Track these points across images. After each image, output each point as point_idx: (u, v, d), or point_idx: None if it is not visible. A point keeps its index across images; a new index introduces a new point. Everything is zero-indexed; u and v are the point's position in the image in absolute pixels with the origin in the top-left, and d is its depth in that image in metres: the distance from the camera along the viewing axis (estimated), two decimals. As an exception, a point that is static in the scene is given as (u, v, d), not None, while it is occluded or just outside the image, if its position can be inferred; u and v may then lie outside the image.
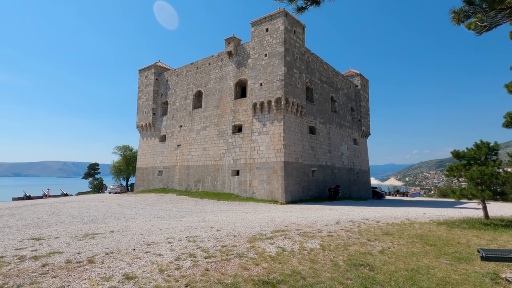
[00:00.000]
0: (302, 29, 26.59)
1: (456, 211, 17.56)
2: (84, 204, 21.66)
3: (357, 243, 7.61)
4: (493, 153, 10.86)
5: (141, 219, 13.21)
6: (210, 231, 9.30)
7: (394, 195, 47.23)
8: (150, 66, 36.67)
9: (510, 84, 8.21)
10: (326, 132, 30.13)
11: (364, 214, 14.82)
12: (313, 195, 26.16)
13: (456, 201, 12.76)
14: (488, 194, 9.86)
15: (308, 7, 4.50)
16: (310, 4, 4.44)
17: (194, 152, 30.34)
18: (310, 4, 4.45)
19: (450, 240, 8.10)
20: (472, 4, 4.47)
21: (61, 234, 8.96)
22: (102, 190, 50.59)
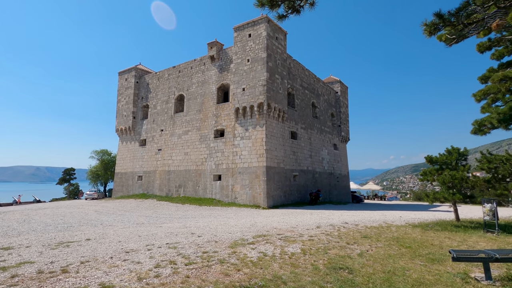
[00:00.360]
0: (284, 35, 27.03)
1: (430, 214, 18.28)
2: (59, 211, 20.76)
3: (337, 246, 7.76)
4: (463, 158, 11.46)
5: (120, 226, 12.83)
6: (191, 237, 9.18)
7: (372, 199, 48.51)
8: (131, 69, 35.94)
9: (478, 93, 8.72)
10: (307, 137, 30.60)
11: (344, 218, 15.13)
12: (294, 200, 26.41)
13: (430, 204, 13.31)
14: (458, 198, 10.38)
15: (288, 15, 4.64)
16: (290, 12, 4.57)
17: (176, 156, 29.89)
18: (291, 13, 4.59)
19: (424, 242, 8.43)
20: (442, 17, 4.77)
21: (32, 243, 8.55)
22: (78, 196, 48.65)
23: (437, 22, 4.77)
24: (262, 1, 4.33)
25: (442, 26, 4.83)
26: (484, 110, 11.01)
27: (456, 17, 4.63)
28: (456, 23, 4.67)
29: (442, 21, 4.71)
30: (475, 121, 9.69)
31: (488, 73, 11.16)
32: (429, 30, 4.86)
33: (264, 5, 4.43)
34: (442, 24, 4.77)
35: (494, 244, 8.50)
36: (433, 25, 4.83)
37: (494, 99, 10.71)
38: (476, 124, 9.62)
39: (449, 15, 4.74)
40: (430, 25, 4.86)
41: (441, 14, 4.73)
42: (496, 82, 9.97)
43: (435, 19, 4.79)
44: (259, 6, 4.43)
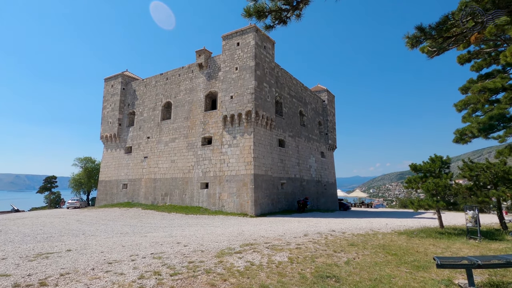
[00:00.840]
0: (272, 44, 27.38)
1: (415, 221, 18.60)
2: (38, 220, 19.97)
3: (324, 254, 7.75)
4: (446, 166, 11.78)
5: (103, 236, 12.43)
6: (176, 247, 8.98)
7: (359, 206, 49.02)
8: (117, 75, 35.46)
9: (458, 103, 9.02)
10: (295, 145, 30.80)
11: (331, 225, 15.18)
12: (282, 208, 26.36)
13: (415, 211, 13.55)
14: (442, 205, 10.61)
15: (275, 25, 4.71)
16: (278, 23, 4.65)
17: (162, 164, 29.44)
18: (278, 23, 4.66)
19: (409, 249, 8.53)
20: (423, 31, 4.96)
21: (9, 255, 8.15)
22: (59, 205, 47.02)
23: (419, 35, 4.96)
24: (250, 12, 4.38)
25: (424, 39, 5.02)
26: (465, 119, 11.42)
27: (436, 30, 4.83)
28: (437, 36, 4.87)
29: (423, 34, 4.90)
30: (456, 130, 10.02)
31: (468, 84, 11.62)
32: (411, 43, 5.04)
33: (251, 16, 4.48)
34: (423, 37, 4.96)
35: (476, 250, 8.69)
36: (415, 38, 5.02)
37: (474, 109, 11.14)
38: (457, 133, 9.95)
39: (430, 29, 4.94)
40: (412, 38, 5.04)
41: (422, 28, 4.92)
42: (475, 93, 10.39)
43: (416, 32, 4.98)
44: (247, 16, 4.49)
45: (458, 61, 11.25)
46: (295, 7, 4.31)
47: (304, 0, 4.16)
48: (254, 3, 4.28)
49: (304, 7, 4.31)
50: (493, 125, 10.14)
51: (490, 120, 10.11)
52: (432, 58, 5.61)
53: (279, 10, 4.41)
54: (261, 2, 4.32)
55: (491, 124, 10.06)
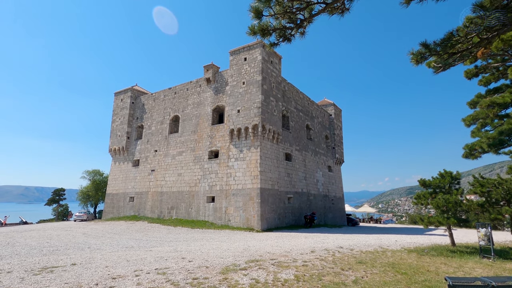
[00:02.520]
0: (278, 59, 27.75)
1: (425, 238, 18.06)
2: (45, 233, 20.06)
3: (331, 273, 7.55)
4: (456, 182, 11.51)
5: (108, 250, 12.39)
6: (181, 262, 8.87)
7: (368, 222, 47.98)
8: (127, 90, 36.24)
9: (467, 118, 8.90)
10: (301, 159, 30.64)
11: (338, 242, 14.85)
12: (289, 223, 25.98)
13: (425, 228, 13.20)
14: (453, 222, 10.31)
15: (280, 43, 4.81)
16: (282, 40, 4.74)
17: (169, 177, 29.53)
18: (282, 41, 4.76)
19: (420, 268, 8.26)
20: (427, 47, 4.99)
21: (14, 268, 8.17)
22: (67, 217, 47.26)
23: (423, 52, 4.98)
24: (254, 30, 4.48)
25: (428, 55, 5.04)
26: (474, 134, 11.23)
27: (441, 46, 4.85)
28: (442, 52, 4.89)
29: (428, 50, 4.93)
30: (466, 146, 9.84)
31: (476, 99, 11.50)
32: (416, 59, 5.07)
33: (256, 34, 4.58)
34: (428, 54, 4.98)
35: (490, 270, 8.36)
36: (420, 54, 5.05)
37: (483, 124, 10.97)
38: (467, 148, 9.77)
39: (434, 45, 4.97)
40: (417, 54, 5.07)
41: (427, 44, 4.95)
42: (484, 108, 10.25)
43: (421, 49, 5.01)
44: (252, 34, 4.59)
45: (466, 76, 11.18)
46: (299, 25, 4.40)
47: (308, 18, 4.25)
48: (259, 21, 4.38)
49: (308, 25, 4.40)
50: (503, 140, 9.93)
51: (500, 135, 9.93)
52: (437, 74, 5.60)
53: (283, 28, 4.50)
54: (265, 21, 4.43)
55: (501, 139, 9.86)
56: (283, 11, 4.18)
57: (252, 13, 4.25)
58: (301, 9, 4.19)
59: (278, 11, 4.25)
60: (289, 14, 4.20)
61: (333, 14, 4.15)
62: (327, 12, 4.19)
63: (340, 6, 4.09)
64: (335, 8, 4.11)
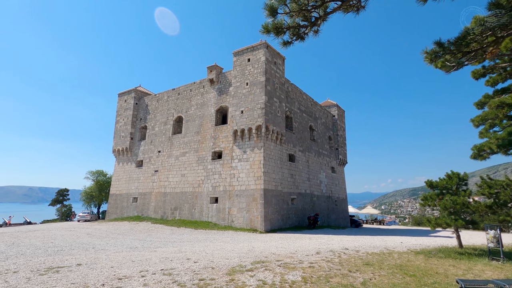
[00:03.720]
0: (282, 60, 27.70)
1: (431, 240, 17.90)
2: (50, 233, 20.11)
3: (338, 274, 7.47)
4: (463, 183, 11.39)
5: (112, 250, 12.38)
6: (186, 263, 8.83)
7: (371, 223, 47.73)
8: (131, 91, 36.35)
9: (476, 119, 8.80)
10: (305, 160, 30.54)
11: (343, 243, 14.75)
12: (292, 224, 25.87)
13: (432, 229, 13.07)
14: (461, 223, 10.19)
15: (293, 41, 4.75)
16: (295, 39, 4.68)
17: (172, 178, 29.54)
18: (296, 39, 4.70)
19: (428, 270, 8.15)
20: (442, 46, 4.92)
21: (20, 268, 8.16)
22: (70, 218, 47.42)
23: (438, 50, 4.91)
24: (268, 28, 4.42)
25: (442, 54, 4.98)
26: (482, 135, 11.10)
27: (455, 45, 4.78)
28: (456, 51, 4.82)
29: (442, 49, 4.86)
30: (474, 146, 9.73)
31: (484, 99, 11.39)
32: (430, 58, 4.99)
33: (269, 32, 4.52)
34: (442, 52, 4.91)
35: (501, 273, 8.23)
36: (434, 53, 4.98)
37: (492, 125, 10.84)
38: (475, 149, 9.65)
39: (448, 44, 4.90)
40: (431, 53, 5.00)
41: (441, 43, 4.88)
42: (493, 108, 10.14)
43: (435, 47, 4.94)
44: (265, 33, 4.52)
45: (473, 76, 11.08)
46: (313, 23, 4.33)
47: (322, 16, 4.19)
48: (273, 19, 4.32)
49: (322, 23, 4.34)
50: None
51: (509, 135, 9.80)
52: (449, 73, 5.53)
53: (297, 27, 4.43)
54: (280, 19, 4.37)
55: (511, 140, 9.73)
56: (299, 8, 4.11)
57: (266, 11, 4.19)
58: (316, 7, 4.14)
59: (293, 9, 4.18)
60: (304, 12, 4.13)
61: (348, 12, 4.09)
62: (342, 10, 4.13)
63: (356, 4, 4.03)
64: (350, 6, 4.04)
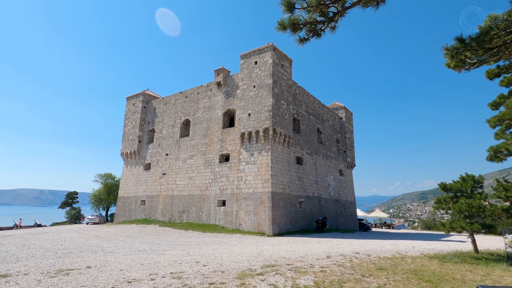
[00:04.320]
0: (289, 63, 27.63)
1: (443, 244, 17.49)
2: (59, 235, 20.27)
3: (351, 279, 7.29)
4: (479, 185, 11.08)
5: (121, 253, 12.37)
6: (196, 266, 8.74)
7: (380, 227, 47.05)
8: (139, 94, 36.68)
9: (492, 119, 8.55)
10: (313, 163, 30.29)
11: (353, 247, 14.50)
12: (300, 227, 25.62)
13: (446, 234, 12.75)
14: (477, 227, 9.90)
15: (310, 38, 4.65)
16: (312, 35, 4.58)
17: (180, 181, 29.59)
18: (312, 36, 4.59)
19: (444, 275, 7.90)
20: (463, 42, 4.76)
21: (31, 270, 8.18)
22: (80, 220, 47.88)
23: (458, 46, 4.75)
24: (284, 25, 4.33)
25: (463, 51, 4.81)
26: (498, 136, 10.80)
27: (477, 41, 4.62)
28: (477, 47, 4.66)
29: (463, 45, 4.70)
30: (490, 148, 9.44)
31: (498, 100, 11.09)
32: (451, 54, 4.83)
33: (285, 29, 4.43)
34: (463, 49, 4.75)
35: (520, 279, 7.93)
36: (455, 49, 4.81)
37: (508, 125, 10.54)
38: (491, 151, 9.37)
39: (470, 40, 4.73)
40: (452, 49, 4.84)
41: (462, 39, 4.72)
42: (510, 108, 9.85)
43: (456, 44, 4.78)
44: (281, 29, 4.44)
45: (487, 76, 10.82)
46: (331, 19, 4.23)
47: (341, 12, 4.09)
48: (290, 15, 4.23)
49: (340, 19, 4.23)
50: (530, 142, 9.50)
51: (526, 137, 9.52)
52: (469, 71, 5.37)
53: (314, 22, 4.33)
54: (297, 15, 4.27)
55: (528, 141, 9.44)
56: (317, 3, 4.01)
57: (283, 6, 4.10)
58: (334, 1, 4.03)
59: (310, 3, 4.08)
60: (321, 6, 4.03)
61: (368, 6, 3.98)
62: (361, 4, 4.03)
63: (376, -4, 3.92)
64: (369, 0, 3.94)
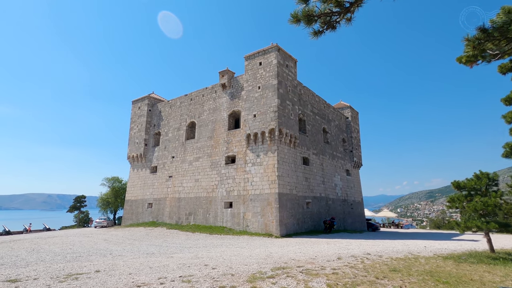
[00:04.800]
0: (294, 63, 27.46)
1: (456, 244, 17.12)
2: (68, 239, 20.36)
3: (365, 281, 7.09)
4: (494, 183, 10.78)
5: (129, 256, 12.32)
6: (205, 269, 8.62)
7: (388, 227, 46.47)
8: (144, 98, 36.83)
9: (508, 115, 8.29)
10: (319, 163, 30.04)
11: (363, 248, 14.25)
12: (308, 228, 25.38)
13: (460, 233, 12.44)
14: (493, 226, 9.61)
15: (324, 31, 4.50)
16: (326, 28, 4.43)
17: (186, 183, 29.57)
18: (327, 28, 4.44)
19: (461, 276, 7.66)
20: (486, 32, 4.57)
21: (40, 275, 8.15)
22: (88, 224, 48.22)
23: (481, 37, 4.56)
24: (298, 17, 4.19)
25: (485, 41, 4.61)
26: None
27: (500, 31, 4.42)
28: (500, 37, 4.46)
29: (486, 35, 4.50)
30: (506, 144, 9.16)
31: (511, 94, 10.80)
32: (472, 45, 4.63)
33: (299, 21, 4.28)
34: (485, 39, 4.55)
35: (540, 279, 7.65)
36: (477, 39, 4.62)
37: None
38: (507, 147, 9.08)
39: (492, 30, 4.53)
40: (473, 40, 4.65)
41: (485, 29, 4.52)
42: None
43: (479, 34, 4.58)
44: (294, 22, 4.29)
45: (500, 71, 10.53)
46: (347, 10, 4.08)
47: (358, 1, 3.93)
48: (305, 6, 4.09)
49: (357, 10, 4.07)
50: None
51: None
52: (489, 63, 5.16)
53: (329, 14, 4.18)
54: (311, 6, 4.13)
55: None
56: None
57: None
58: None
59: None
60: (338, -4, 3.90)
61: (386, -5, 3.81)
62: (379, -7, 3.88)
63: (395, -15, 3.75)
64: (388, -11, 3.78)
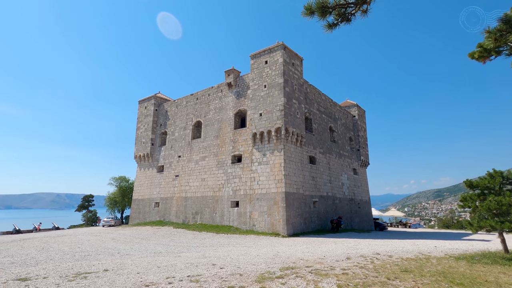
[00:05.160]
0: (300, 61, 27.27)
1: (467, 244, 16.80)
2: (76, 238, 20.54)
3: (376, 282, 6.95)
4: (508, 182, 10.52)
5: (137, 255, 12.34)
6: (213, 269, 8.57)
7: (396, 226, 45.98)
8: (150, 97, 37.01)
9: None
10: (326, 162, 29.81)
11: (372, 247, 14.06)
12: (315, 227, 25.21)
13: (473, 233, 12.19)
14: (508, 226, 9.37)
15: (339, 24, 4.37)
16: (341, 21, 4.31)
17: (193, 182, 29.63)
18: (341, 21, 4.32)
19: (476, 277, 7.46)
20: (508, 23, 4.39)
21: (50, 274, 8.18)
22: (96, 223, 48.74)
23: (503, 28, 4.38)
24: (311, 9, 4.07)
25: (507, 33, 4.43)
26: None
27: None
28: (521, 28, 4.29)
29: (508, 26, 4.32)
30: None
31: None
32: (494, 37, 4.46)
33: (313, 13, 4.17)
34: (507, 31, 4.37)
35: (558, 281, 7.41)
36: (498, 31, 4.45)
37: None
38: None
39: (513, 20, 4.36)
40: (495, 32, 4.48)
41: (508, 19, 4.35)
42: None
43: (500, 25, 4.41)
44: (307, 14, 4.18)
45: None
46: (363, 1, 3.95)
47: None
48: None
49: (373, 0, 3.94)
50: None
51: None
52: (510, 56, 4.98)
53: (344, 5, 4.06)
54: None
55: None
56: None
57: None
58: None
59: None
60: (354, -14, 3.77)
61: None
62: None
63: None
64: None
